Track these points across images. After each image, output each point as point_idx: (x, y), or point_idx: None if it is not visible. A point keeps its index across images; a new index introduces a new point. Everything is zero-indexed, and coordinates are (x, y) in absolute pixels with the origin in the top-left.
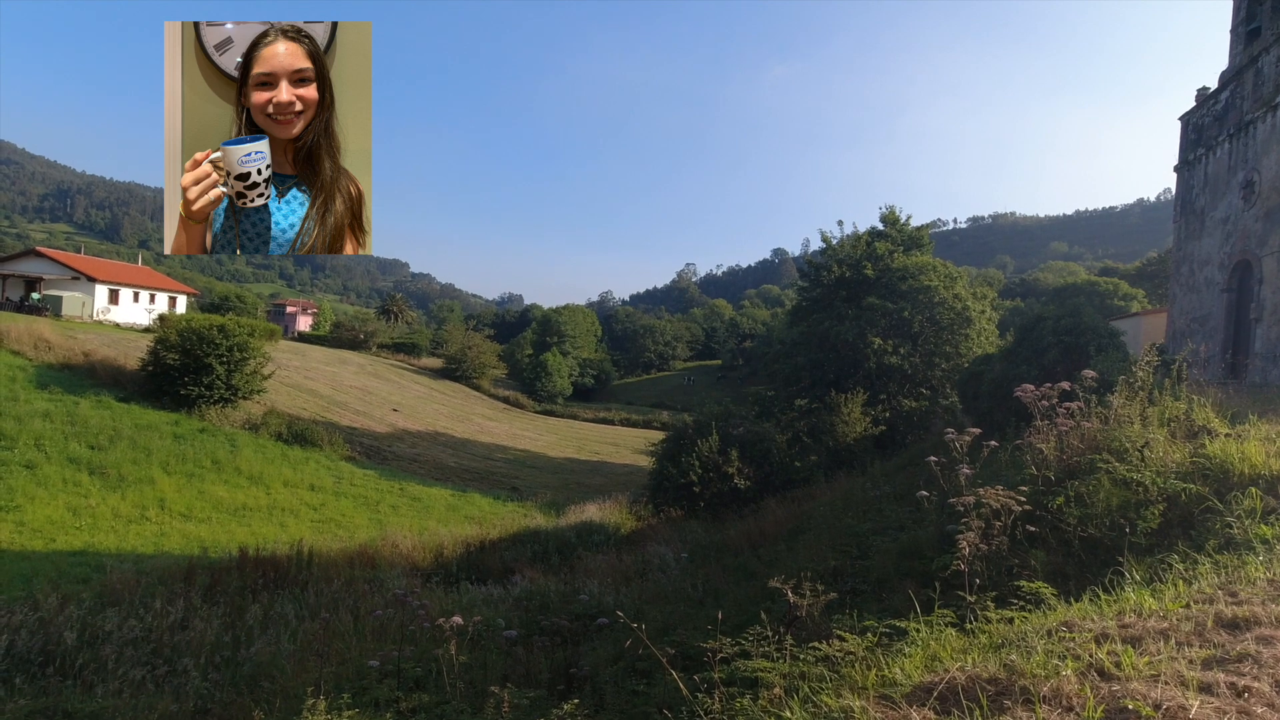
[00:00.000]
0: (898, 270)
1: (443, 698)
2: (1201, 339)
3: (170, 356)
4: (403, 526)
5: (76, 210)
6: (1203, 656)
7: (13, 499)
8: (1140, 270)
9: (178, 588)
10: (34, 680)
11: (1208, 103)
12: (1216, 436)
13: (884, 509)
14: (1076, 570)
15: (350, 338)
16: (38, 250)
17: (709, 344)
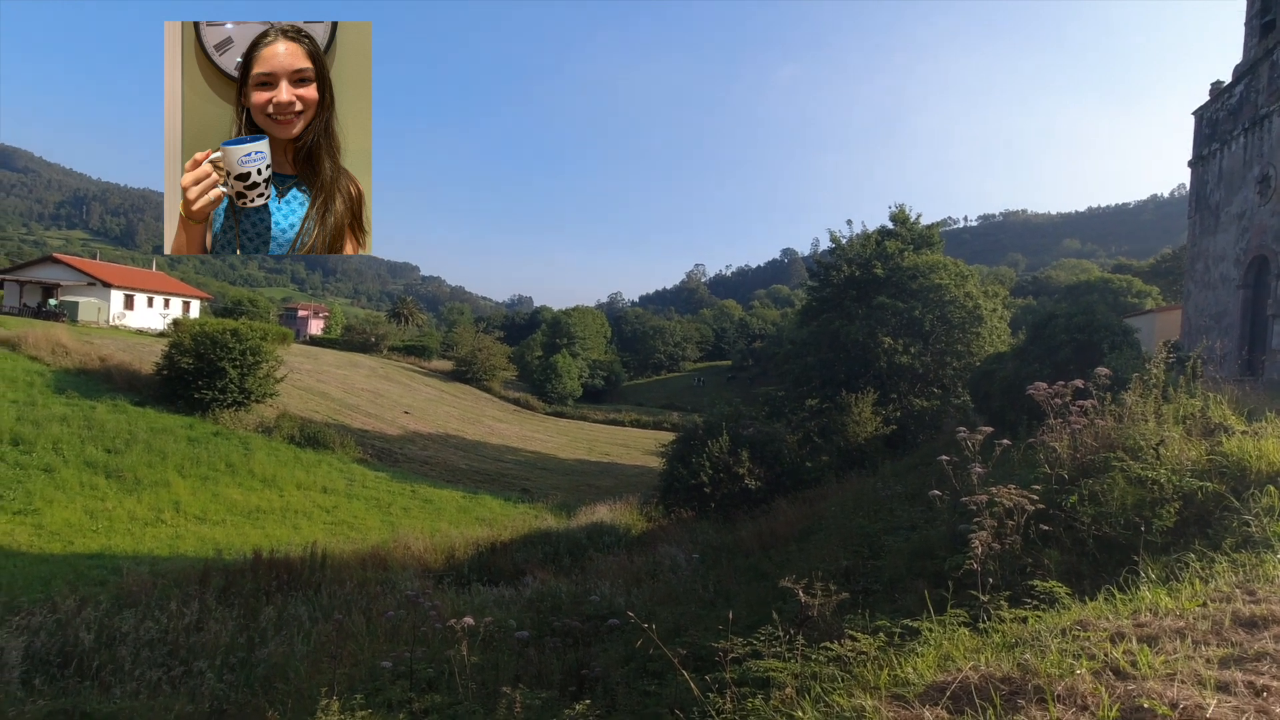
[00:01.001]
0: (908, 269)
1: (455, 698)
2: (1217, 335)
3: (184, 360)
4: (414, 528)
5: (92, 217)
6: (1220, 655)
7: (31, 502)
8: (1154, 267)
9: (193, 589)
10: (53, 681)
11: (1221, 97)
12: (1233, 434)
13: (895, 509)
14: (1091, 569)
15: (361, 341)
16: (55, 257)
17: (719, 345)
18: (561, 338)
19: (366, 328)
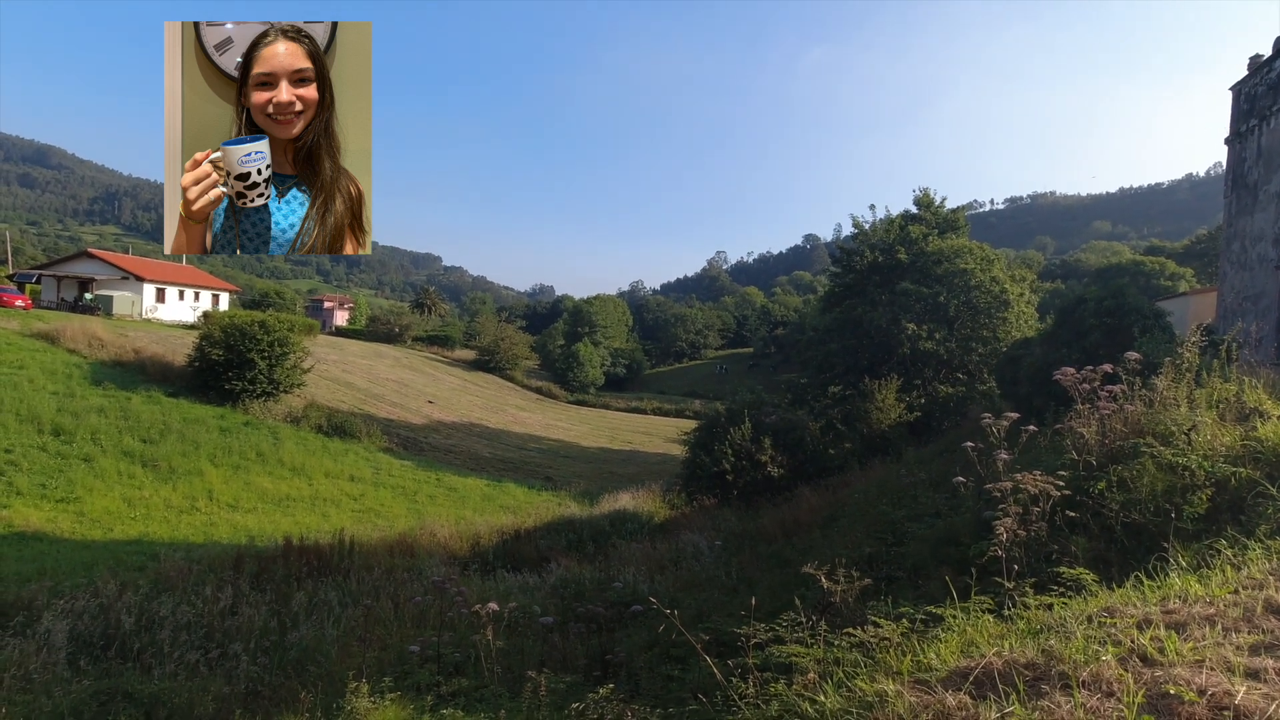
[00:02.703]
0: (932, 254)
1: (481, 682)
2: (1253, 318)
3: (215, 352)
4: (440, 516)
5: (124, 212)
6: (1250, 642)
7: (73, 491)
8: (1188, 249)
9: (227, 575)
10: (97, 662)
11: (1260, 71)
12: (1269, 419)
13: (920, 496)
14: (1119, 557)
15: (386, 331)
16: (89, 252)
17: (740, 332)
18: (583, 326)
19: (390, 318)
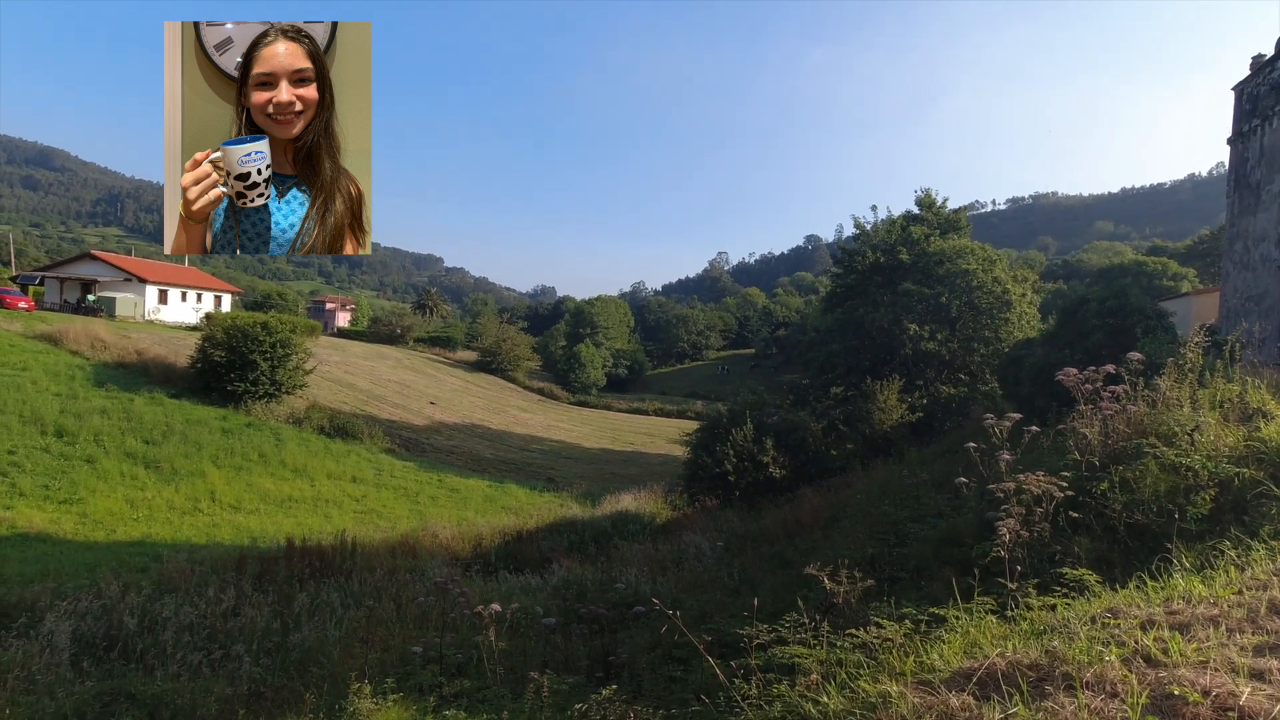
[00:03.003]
0: (934, 254)
1: (483, 683)
2: (1256, 319)
3: (217, 354)
4: (442, 517)
5: (126, 214)
6: (1254, 643)
7: (76, 492)
8: (1191, 249)
9: (229, 576)
10: (100, 663)
11: (1263, 70)
12: (1272, 419)
13: (922, 496)
14: (1122, 557)
15: (387, 332)
16: (92, 253)
17: (742, 333)
18: (585, 327)
19: (392, 319)
